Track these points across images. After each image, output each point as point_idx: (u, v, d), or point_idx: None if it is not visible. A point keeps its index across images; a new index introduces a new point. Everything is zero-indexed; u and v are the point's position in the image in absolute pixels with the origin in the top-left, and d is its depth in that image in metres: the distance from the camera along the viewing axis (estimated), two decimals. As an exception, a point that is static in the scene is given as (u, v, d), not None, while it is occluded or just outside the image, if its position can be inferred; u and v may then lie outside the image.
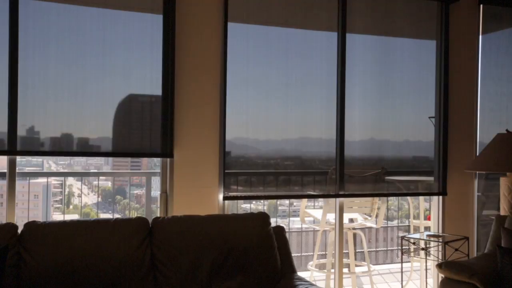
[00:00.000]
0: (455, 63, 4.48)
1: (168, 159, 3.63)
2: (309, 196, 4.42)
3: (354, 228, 4.72)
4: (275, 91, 3.96)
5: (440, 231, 4.42)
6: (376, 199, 4.62)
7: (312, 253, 5.55)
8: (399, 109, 4.35)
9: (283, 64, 3.97)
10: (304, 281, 2.91)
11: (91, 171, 6.41)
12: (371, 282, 4.80)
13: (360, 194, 4.28)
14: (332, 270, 4.40)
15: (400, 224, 6.58)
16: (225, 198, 3.73)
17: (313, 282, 4.40)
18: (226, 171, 3.73)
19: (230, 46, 3.73)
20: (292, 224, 6.07)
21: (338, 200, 4.14)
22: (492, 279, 3.12)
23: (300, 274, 3.14)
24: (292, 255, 3.21)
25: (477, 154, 4.46)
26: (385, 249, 6.31)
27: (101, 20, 3.49)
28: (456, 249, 3.85)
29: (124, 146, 3.58)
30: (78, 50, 3.44)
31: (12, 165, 3.32)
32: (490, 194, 4.69)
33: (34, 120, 3.35)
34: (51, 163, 6.13)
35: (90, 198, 6.23)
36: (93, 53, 3.46)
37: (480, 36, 4.60)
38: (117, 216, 4.07)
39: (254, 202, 5.94)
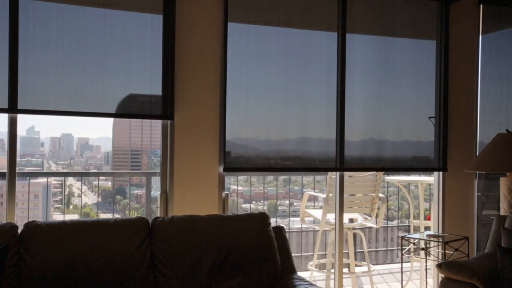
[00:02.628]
0: (455, 63, 4.48)
1: (168, 168, 3.64)
2: (310, 170, 4.33)
3: (354, 228, 4.72)
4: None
5: (440, 231, 4.42)
6: (376, 199, 4.62)
7: (312, 253, 5.55)
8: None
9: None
10: (304, 281, 2.91)
11: (91, 171, 6.42)
12: (371, 282, 4.80)
13: (361, 168, 4.25)
14: (332, 270, 4.40)
15: (400, 224, 6.58)
16: (225, 169, 3.72)
17: (313, 282, 4.40)
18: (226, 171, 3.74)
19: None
20: (292, 224, 6.07)
21: (339, 174, 4.14)
22: (492, 279, 3.12)
23: (300, 274, 3.13)
24: (292, 255, 3.21)
25: (477, 154, 4.46)
26: (385, 249, 6.31)
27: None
28: (456, 249, 3.85)
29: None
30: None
31: (12, 165, 3.32)
32: (490, 194, 4.69)
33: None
34: (51, 163, 6.14)
35: (90, 198, 6.23)
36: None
37: (480, 36, 4.60)
38: (117, 216, 4.08)
39: (254, 202, 5.95)
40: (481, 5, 4.58)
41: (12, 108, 3.28)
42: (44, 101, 3.36)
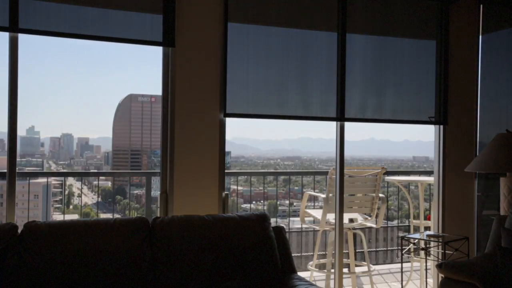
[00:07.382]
0: (455, 63, 4.48)
1: (168, 168, 3.64)
2: (311, 118, 4.08)
3: (354, 228, 4.72)
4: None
5: (440, 231, 4.42)
6: (376, 199, 4.61)
7: (312, 253, 5.55)
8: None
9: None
10: (304, 281, 2.91)
11: (91, 171, 6.42)
12: (371, 282, 4.80)
13: (362, 118, 4.17)
14: (332, 270, 4.40)
15: (400, 224, 6.58)
16: (226, 115, 3.69)
17: (313, 282, 4.40)
18: (226, 171, 3.73)
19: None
20: (292, 224, 6.07)
21: (339, 124, 4.10)
22: (492, 279, 3.12)
23: (300, 274, 3.14)
24: (292, 255, 3.21)
25: (477, 154, 4.46)
26: (385, 249, 6.31)
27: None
28: (456, 249, 3.85)
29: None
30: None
31: (12, 165, 3.31)
32: (490, 194, 4.69)
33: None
34: (51, 163, 6.14)
35: (90, 198, 6.23)
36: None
37: (480, 36, 4.60)
38: (117, 216, 4.08)
39: (254, 202, 5.94)
40: (481, 5, 4.58)
41: (13, 27, 3.19)
42: (45, 22, 3.27)
